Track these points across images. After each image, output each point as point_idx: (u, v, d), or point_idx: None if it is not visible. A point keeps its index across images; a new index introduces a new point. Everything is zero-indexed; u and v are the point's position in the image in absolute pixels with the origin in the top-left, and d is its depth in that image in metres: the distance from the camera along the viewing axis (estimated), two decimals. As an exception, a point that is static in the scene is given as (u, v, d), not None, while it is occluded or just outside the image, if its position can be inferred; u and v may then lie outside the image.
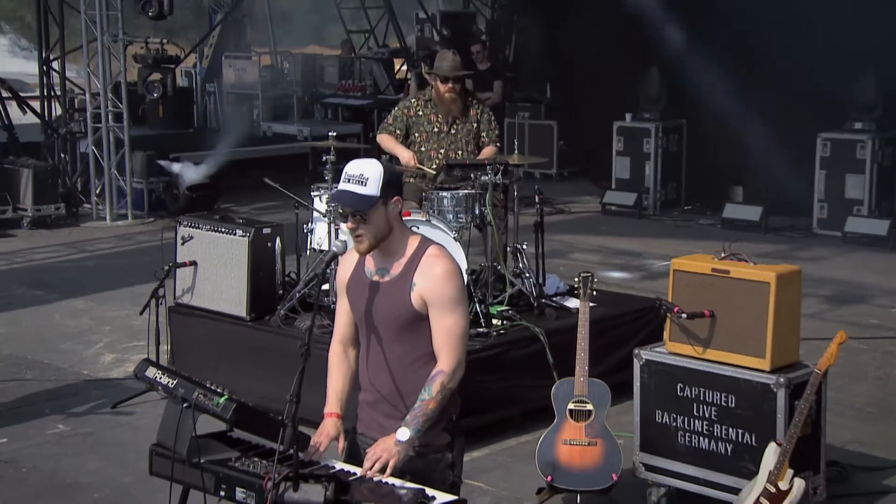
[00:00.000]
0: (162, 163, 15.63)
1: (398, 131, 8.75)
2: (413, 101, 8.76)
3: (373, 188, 4.46)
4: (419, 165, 8.58)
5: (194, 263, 8.47)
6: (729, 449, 6.32)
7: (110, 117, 15.20)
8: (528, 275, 8.58)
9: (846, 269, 12.20)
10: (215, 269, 8.37)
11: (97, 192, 15.49)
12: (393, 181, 4.56)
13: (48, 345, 9.91)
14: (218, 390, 4.63)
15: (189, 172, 15.31)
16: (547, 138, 17.09)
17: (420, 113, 8.57)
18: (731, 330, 6.29)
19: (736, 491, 6.05)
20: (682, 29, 15.42)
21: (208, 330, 8.42)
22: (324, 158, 8.45)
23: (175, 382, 4.80)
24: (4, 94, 16.48)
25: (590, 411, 6.54)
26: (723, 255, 6.52)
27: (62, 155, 15.79)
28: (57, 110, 16.73)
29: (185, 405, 4.70)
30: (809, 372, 6.06)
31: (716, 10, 15.07)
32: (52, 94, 16.53)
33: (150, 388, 5.08)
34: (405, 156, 8.52)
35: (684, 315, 6.37)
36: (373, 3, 20.66)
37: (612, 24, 16.60)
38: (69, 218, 15.08)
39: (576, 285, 6.82)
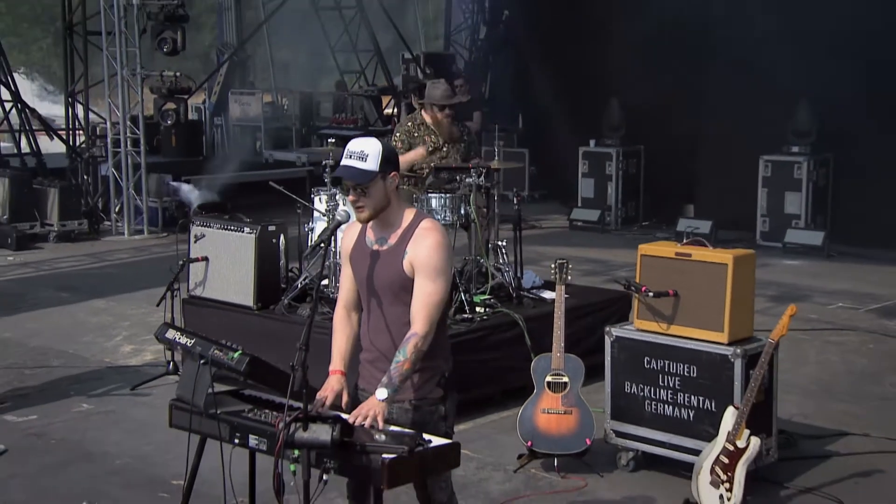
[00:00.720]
0: (173, 183, 15.61)
1: (405, 149, 8.72)
2: (409, 124, 8.69)
3: (372, 164, 4.42)
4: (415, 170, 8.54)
5: (206, 259, 8.44)
6: (691, 415, 6.31)
7: (128, 143, 15.14)
8: (507, 269, 8.55)
9: (787, 274, 12.23)
10: (225, 263, 8.34)
11: (116, 210, 15.42)
12: (390, 158, 4.52)
13: (72, 338, 9.82)
14: (233, 346, 4.57)
15: (196, 193, 15.29)
16: (519, 164, 17.12)
17: (416, 134, 8.52)
18: (693, 307, 6.28)
19: (697, 452, 6.01)
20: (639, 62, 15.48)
21: (219, 319, 8.36)
22: (323, 163, 8.41)
23: (193, 341, 4.73)
24: (34, 124, 16.50)
25: (566, 383, 6.53)
26: (685, 240, 6.53)
27: (85, 177, 15.70)
28: (80, 138, 16.62)
29: (202, 361, 4.63)
30: (763, 344, 6.07)
31: (669, 47, 15.15)
32: (77, 123, 16.42)
33: (169, 348, 5.03)
34: (419, 152, 8.42)
35: (651, 294, 6.35)
36: (363, 47, 20.61)
37: (576, 60, 16.65)
38: (91, 233, 15.01)
39: (552, 271, 6.80)
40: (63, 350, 9.39)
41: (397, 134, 8.94)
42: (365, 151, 4.44)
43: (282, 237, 8.28)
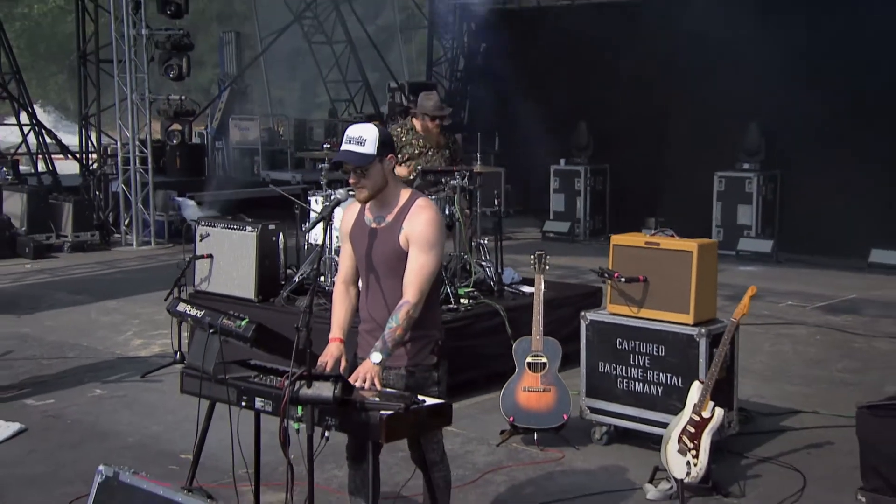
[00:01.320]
0: (177, 199, 15.54)
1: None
2: (398, 130, 8.63)
3: (370, 148, 4.38)
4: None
5: (210, 256, 8.37)
6: (659, 391, 6.28)
7: (137, 161, 15.05)
8: (489, 265, 8.50)
9: (740, 277, 12.18)
10: (228, 260, 8.27)
11: (125, 223, 15.32)
12: (387, 141, 4.47)
13: (86, 333, 9.71)
14: (240, 316, 4.50)
15: (197, 209, 15.23)
16: (496, 182, 17.06)
17: (404, 138, 8.46)
18: (661, 291, 6.26)
19: (665, 425, 5.94)
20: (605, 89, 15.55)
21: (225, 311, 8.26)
22: (318, 167, 8.38)
23: (202, 313, 4.65)
24: (50, 143, 16.41)
25: (544, 363, 6.49)
26: (654, 231, 6.50)
27: (97, 193, 15.61)
28: (92, 157, 16.53)
29: (211, 331, 4.55)
30: (725, 325, 6.04)
31: (632, 75, 15.22)
32: (89, 143, 16.33)
33: (181, 320, 4.95)
34: (401, 172, 8.33)
35: (623, 279, 6.32)
36: (352, 78, 20.57)
37: (547, 88, 16.70)
38: (102, 244, 14.87)
39: (532, 262, 6.76)
40: (78, 343, 9.29)
41: None
42: (363, 136, 4.40)
43: (281, 235, 8.23)
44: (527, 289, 8.27)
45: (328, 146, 8.71)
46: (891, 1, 12.82)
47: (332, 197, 4.60)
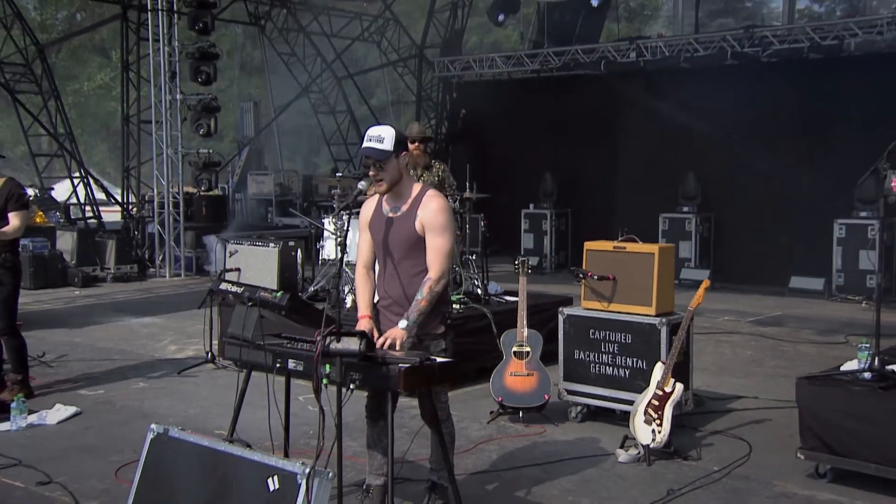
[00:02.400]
0: (203, 238, 15.44)
1: None
2: None
3: (388, 145, 4.35)
4: None
5: (238, 269, 8.27)
6: (627, 373, 6.22)
7: (170, 206, 14.95)
8: (476, 277, 8.44)
9: (684, 300, 12.14)
10: (253, 272, 8.20)
11: (160, 258, 15.13)
12: (402, 141, 4.46)
13: (128, 342, 9.53)
14: (274, 290, 4.43)
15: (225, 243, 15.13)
16: (476, 226, 17.00)
17: None
18: (627, 288, 6.24)
19: (632, 403, 5.88)
20: (566, 144, 15.62)
21: None
22: (331, 192, 8.31)
23: (242, 289, 4.58)
24: (96, 190, 16.32)
25: (528, 352, 6.42)
26: (621, 237, 6.48)
27: (135, 232, 15.46)
28: (132, 201, 16.45)
29: (249, 303, 4.48)
30: (682, 316, 6.01)
31: (589, 131, 15.33)
32: (130, 191, 16.23)
33: (222, 298, 4.85)
34: None
35: (595, 277, 6.29)
36: (352, 141, 20.57)
37: (517, 143, 16.73)
38: (140, 275, 14.67)
39: (515, 266, 6.73)
40: (122, 349, 9.13)
41: None
42: (381, 135, 4.37)
43: (299, 251, 8.16)
44: (509, 298, 8.22)
45: (339, 174, 8.67)
46: (791, 71, 13.18)
47: (357, 187, 4.51)
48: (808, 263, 12.84)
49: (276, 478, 3.99)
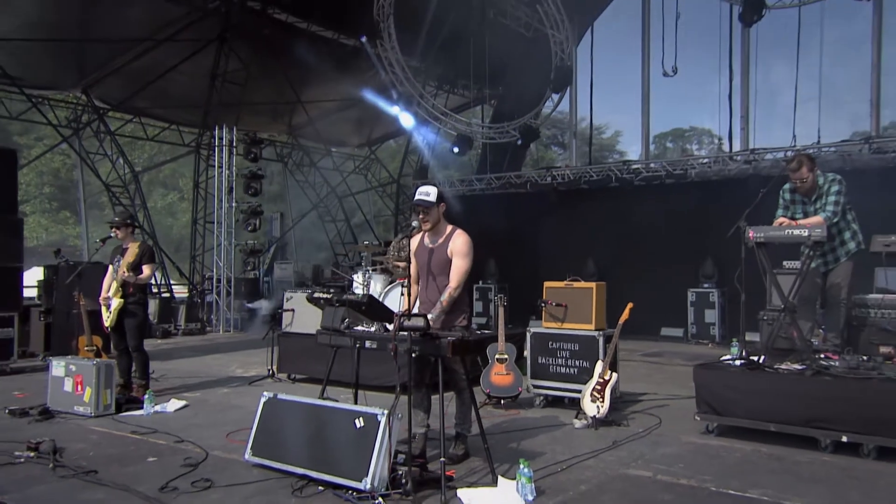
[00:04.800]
0: (246, 304, 15.36)
1: (394, 254, 8.59)
2: (403, 242, 8.56)
3: (433, 198, 4.63)
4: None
5: (293, 310, 8.30)
6: (576, 371, 6.37)
7: (225, 282, 14.90)
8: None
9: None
10: (304, 312, 8.15)
11: (215, 319, 14.98)
12: (442, 196, 4.72)
13: (206, 367, 9.41)
14: (357, 293, 4.61)
15: (265, 307, 15.11)
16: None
17: (402, 251, 8.47)
18: (575, 312, 6.42)
19: (580, 393, 6.06)
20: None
21: (300, 342, 8.11)
22: (360, 253, 8.37)
23: (332, 294, 4.76)
24: (169, 272, 16.14)
25: (506, 358, 6.55)
26: (569, 279, 6.75)
27: (198, 300, 15.28)
28: (196, 279, 16.32)
29: (337, 304, 4.65)
30: (613, 330, 6.20)
31: (517, 232, 15.36)
32: (195, 271, 16.14)
33: (317, 304, 4.95)
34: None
35: (554, 304, 6.52)
36: (348, 240, 20.73)
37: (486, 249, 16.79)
38: (201, 331, 14.44)
39: (496, 299, 6.94)
40: (203, 371, 9.02)
41: (391, 248, 8.96)
42: (429, 191, 4.66)
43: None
44: (486, 332, 8.31)
45: (366, 242, 8.84)
46: (653, 191, 13.54)
47: (412, 225, 4.76)
48: (672, 318, 13.00)
49: (361, 419, 4.15)
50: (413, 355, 4.15)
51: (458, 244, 4.65)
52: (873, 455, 4.77)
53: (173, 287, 16.36)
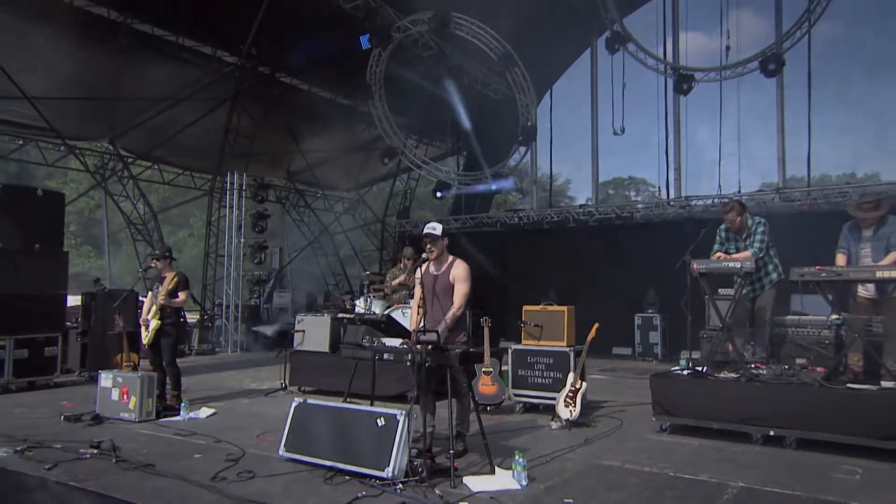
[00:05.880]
0: (252, 328, 15.34)
1: (391, 279, 8.33)
2: (400, 266, 8.45)
3: (439, 232, 4.84)
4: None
5: (304, 331, 8.23)
6: (550, 381, 6.51)
7: (233, 308, 14.88)
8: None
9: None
10: (314, 332, 8.08)
11: (223, 341, 14.90)
12: (445, 232, 4.94)
13: (224, 382, 9.35)
14: (377, 312, 4.83)
15: (269, 330, 15.12)
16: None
17: (396, 271, 8.39)
18: (550, 331, 6.58)
19: (554, 400, 6.25)
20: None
21: (310, 358, 8.09)
22: (361, 284, 8.48)
23: (354, 314, 4.98)
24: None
25: (491, 371, 6.68)
26: (544, 303, 6.96)
27: (209, 325, 15.20)
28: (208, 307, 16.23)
29: (359, 323, 4.87)
30: (582, 346, 6.33)
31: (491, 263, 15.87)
32: (207, 298, 16.07)
33: (340, 323, 5.13)
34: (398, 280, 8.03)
35: (532, 324, 6.70)
36: (337, 271, 20.81)
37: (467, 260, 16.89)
38: (211, 352, 14.34)
39: (482, 320, 7.07)
40: (222, 385, 9.00)
41: (388, 278, 9.08)
42: (435, 227, 4.88)
43: (344, 320, 8.34)
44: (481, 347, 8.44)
45: (367, 272, 8.95)
46: (603, 231, 13.91)
47: (424, 256, 5.00)
48: (621, 339, 13.09)
49: (382, 419, 4.37)
50: (426, 365, 4.37)
51: (459, 271, 4.89)
52: (794, 445, 5.13)
53: (185, 313, 16.22)
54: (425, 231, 4.87)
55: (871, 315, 5.63)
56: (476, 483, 4.23)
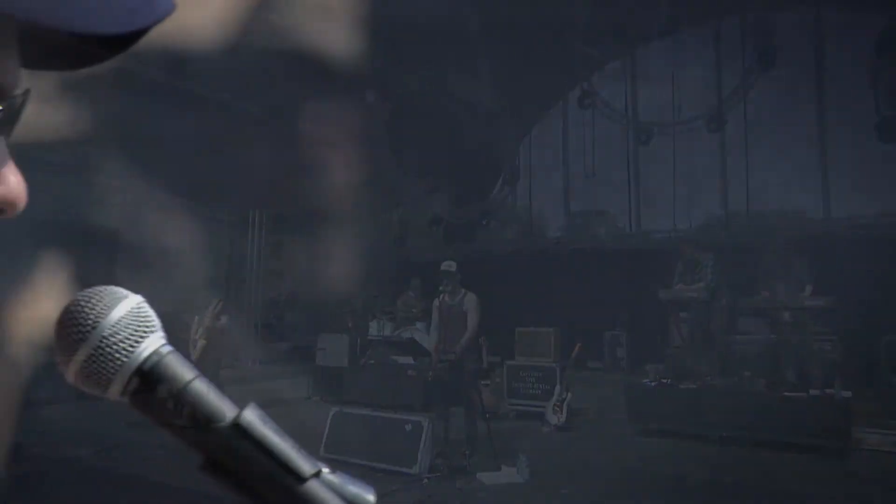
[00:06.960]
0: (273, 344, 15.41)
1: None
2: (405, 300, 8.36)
3: (454, 269, 5.16)
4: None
5: (325, 348, 8.33)
6: (540, 391, 6.73)
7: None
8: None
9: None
10: (333, 349, 8.04)
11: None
12: (461, 270, 5.33)
13: (252, 395, 9.40)
14: (403, 334, 5.12)
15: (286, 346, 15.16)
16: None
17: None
18: (538, 349, 6.92)
19: (543, 408, 6.47)
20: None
21: (331, 372, 7.85)
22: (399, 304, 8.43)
23: (378, 337, 5.27)
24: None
25: (489, 383, 6.97)
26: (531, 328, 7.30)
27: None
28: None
29: (386, 345, 5.17)
30: (566, 363, 6.56)
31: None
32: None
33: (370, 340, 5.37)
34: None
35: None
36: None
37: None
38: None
39: (479, 340, 7.32)
40: (251, 396, 8.94)
41: (399, 304, 9.26)
42: (451, 265, 5.18)
43: (358, 339, 8.51)
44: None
45: (377, 295, 9.08)
46: (575, 259, 14.30)
47: (441, 288, 5.30)
48: (593, 354, 12.51)
49: (409, 424, 4.70)
50: (447, 379, 4.71)
51: (471, 303, 5.23)
52: (747, 444, 5.54)
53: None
54: (443, 268, 5.19)
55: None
56: (487, 478, 4.57)
